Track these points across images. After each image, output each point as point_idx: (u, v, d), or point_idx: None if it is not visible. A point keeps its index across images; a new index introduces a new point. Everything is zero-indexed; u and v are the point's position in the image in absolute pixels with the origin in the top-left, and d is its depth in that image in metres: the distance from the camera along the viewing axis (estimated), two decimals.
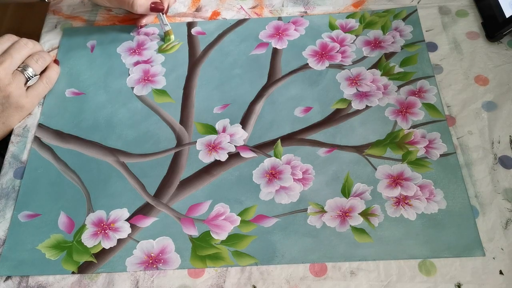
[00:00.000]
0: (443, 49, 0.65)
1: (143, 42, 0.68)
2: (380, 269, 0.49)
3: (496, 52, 0.64)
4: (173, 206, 0.54)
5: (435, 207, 0.53)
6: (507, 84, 0.61)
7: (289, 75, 0.64)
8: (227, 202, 0.54)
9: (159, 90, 0.64)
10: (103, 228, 0.53)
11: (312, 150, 0.57)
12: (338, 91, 0.62)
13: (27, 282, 0.50)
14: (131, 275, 0.50)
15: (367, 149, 0.57)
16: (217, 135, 0.59)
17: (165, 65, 0.66)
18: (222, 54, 0.67)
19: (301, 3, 0.71)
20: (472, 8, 0.69)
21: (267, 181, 0.55)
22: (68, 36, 0.70)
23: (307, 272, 0.50)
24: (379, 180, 0.55)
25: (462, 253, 0.50)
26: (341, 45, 0.66)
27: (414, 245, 0.50)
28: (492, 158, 0.55)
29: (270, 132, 0.59)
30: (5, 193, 0.56)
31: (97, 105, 0.63)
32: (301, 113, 0.60)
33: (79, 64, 0.67)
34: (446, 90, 0.61)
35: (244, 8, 0.72)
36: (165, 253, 0.51)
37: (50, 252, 0.52)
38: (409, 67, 0.63)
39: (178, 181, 0.56)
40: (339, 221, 0.52)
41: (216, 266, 0.50)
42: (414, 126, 0.58)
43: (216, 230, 0.53)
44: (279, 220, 0.53)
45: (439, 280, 0.48)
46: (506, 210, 0.52)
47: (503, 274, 0.48)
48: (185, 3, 0.73)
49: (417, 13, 0.68)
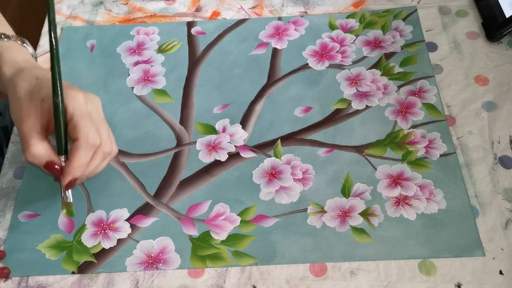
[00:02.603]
0: (443, 49, 0.65)
1: (143, 42, 0.68)
2: (380, 269, 0.49)
3: (496, 52, 0.64)
4: (173, 206, 0.54)
5: (435, 207, 0.52)
6: (507, 84, 0.61)
7: (289, 75, 0.64)
8: (227, 202, 0.54)
9: (159, 90, 0.64)
10: (103, 228, 0.53)
11: (312, 150, 0.57)
12: (338, 91, 0.62)
13: (27, 282, 0.50)
14: (131, 275, 0.50)
15: (367, 149, 0.57)
16: (217, 135, 0.59)
17: (165, 65, 0.66)
18: (222, 54, 0.67)
19: (301, 3, 0.71)
20: (472, 8, 0.69)
21: (267, 181, 0.55)
22: (68, 36, 0.69)
23: (307, 272, 0.50)
24: (379, 180, 0.55)
25: (462, 253, 0.50)
26: (341, 45, 0.66)
27: (414, 245, 0.50)
28: (492, 158, 0.55)
29: (270, 132, 0.59)
30: (5, 193, 0.56)
31: None
32: (301, 113, 0.60)
33: (79, 64, 0.66)
34: (446, 90, 0.61)
35: (244, 8, 0.72)
36: (165, 253, 0.51)
37: (50, 252, 0.52)
38: (409, 67, 0.63)
39: (178, 181, 0.56)
40: (339, 221, 0.52)
41: (216, 266, 0.50)
42: (414, 126, 0.58)
43: (216, 230, 0.53)
44: (279, 220, 0.53)
45: (439, 280, 0.48)
46: (506, 210, 0.52)
47: (503, 274, 0.48)
48: (185, 3, 0.73)
49: (417, 13, 0.68)
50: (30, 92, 0.49)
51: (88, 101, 0.50)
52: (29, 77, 0.50)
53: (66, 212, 0.51)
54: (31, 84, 0.50)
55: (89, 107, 0.50)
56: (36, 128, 0.48)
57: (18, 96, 0.50)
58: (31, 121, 0.48)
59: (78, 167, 0.48)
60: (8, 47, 0.54)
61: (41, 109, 0.48)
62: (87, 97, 0.50)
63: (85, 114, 0.48)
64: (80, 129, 0.48)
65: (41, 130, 0.48)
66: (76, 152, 0.48)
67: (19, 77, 0.50)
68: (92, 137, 0.48)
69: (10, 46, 0.54)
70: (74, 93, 0.49)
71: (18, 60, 0.53)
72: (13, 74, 0.51)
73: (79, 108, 0.48)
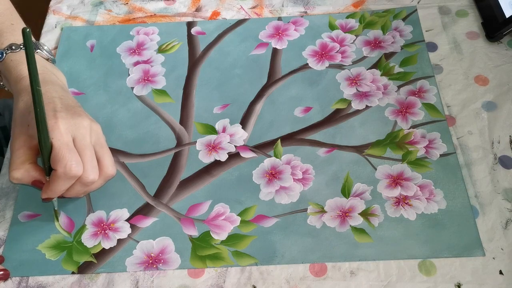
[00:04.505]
0: (443, 49, 0.65)
1: (143, 42, 0.68)
2: (380, 269, 0.49)
3: (496, 52, 0.64)
4: (173, 206, 0.54)
5: (435, 207, 0.52)
6: (507, 84, 0.61)
7: (289, 75, 0.64)
8: (227, 202, 0.54)
9: (159, 90, 0.64)
10: (103, 228, 0.53)
11: (312, 150, 0.57)
12: (338, 91, 0.62)
13: (27, 282, 0.50)
14: (131, 275, 0.50)
15: (367, 149, 0.57)
16: (217, 135, 0.59)
17: (165, 65, 0.66)
18: (222, 54, 0.67)
19: (301, 3, 0.71)
20: (472, 8, 0.69)
21: (267, 181, 0.55)
22: (67, 36, 0.69)
23: (307, 272, 0.50)
24: (379, 180, 0.55)
25: (462, 253, 0.50)
26: (341, 45, 0.66)
27: (414, 245, 0.50)
28: (492, 158, 0.55)
29: (270, 132, 0.59)
30: (5, 193, 0.56)
31: (97, 105, 0.62)
32: (301, 113, 0.60)
33: (78, 64, 0.66)
34: (446, 90, 0.61)
35: (244, 8, 0.72)
36: (165, 253, 0.51)
37: (50, 252, 0.52)
38: (409, 67, 0.63)
39: (178, 181, 0.56)
40: (339, 221, 0.52)
41: (216, 266, 0.50)
42: (414, 126, 0.58)
43: (216, 230, 0.53)
44: (279, 220, 0.53)
45: (439, 280, 0.48)
46: (506, 210, 0.52)
47: (503, 274, 0.48)
48: (185, 3, 0.73)
49: (417, 13, 0.68)
50: (21, 115, 0.50)
51: (73, 127, 0.49)
52: (27, 97, 0.51)
53: (54, 215, 0.54)
54: (26, 104, 0.50)
55: (71, 135, 0.49)
56: (22, 150, 0.49)
57: (15, 117, 0.51)
58: (17, 144, 0.49)
59: (55, 192, 0.49)
60: (19, 61, 0.53)
61: (27, 133, 0.49)
62: (73, 123, 0.49)
63: (64, 145, 0.48)
64: (59, 161, 0.47)
65: (27, 151, 0.49)
66: (55, 181, 0.49)
67: (20, 98, 0.51)
68: (71, 169, 0.47)
69: (21, 58, 0.53)
70: (53, 123, 0.48)
71: (26, 76, 0.52)
72: (18, 91, 0.52)
73: (58, 138, 0.48)
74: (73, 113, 0.51)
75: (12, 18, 0.58)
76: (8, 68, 0.54)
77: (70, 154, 0.48)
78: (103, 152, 0.51)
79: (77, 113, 0.51)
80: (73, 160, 0.48)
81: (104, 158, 0.51)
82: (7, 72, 0.54)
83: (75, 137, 0.49)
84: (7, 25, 0.57)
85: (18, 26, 0.57)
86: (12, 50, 0.54)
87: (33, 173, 0.49)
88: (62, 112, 0.50)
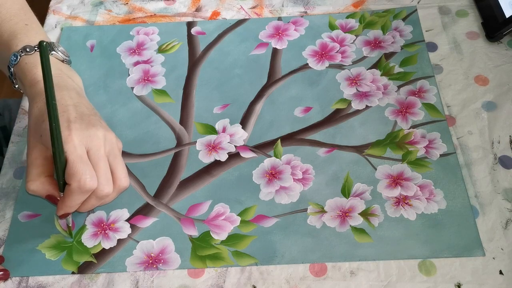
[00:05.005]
0: (443, 49, 0.65)
1: (143, 42, 0.68)
2: (380, 269, 0.49)
3: (496, 52, 0.64)
4: (173, 206, 0.54)
5: (435, 207, 0.53)
6: (507, 84, 0.61)
7: (289, 75, 0.64)
8: (227, 202, 0.54)
9: (159, 90, 0.64)
10: (103, 228, 0.53)
11: (312, 150, 0.57)
12: (338, 91, 0.62)
13: (27, 282, 0.50)
14: (131, 275, 0.50)
15: (367, 149, 0.57)
16: (217, 135, 0.59)
17: (165, 65, 0.66)
18: (222, 54, 0.67)
19: (301, 3, 0.71)
20: (472, 8, 0.69)
21: (267, 181, 0.55)
22: (67, 36, 0.69)
23: (307, 272, 0.50)
24: (379, 180, 0.55)
25: (462, 253, 0.50)
26: (341, 45, 0.66)
27: (414, 245, 0.50)
28: (492, 158, 0.55)
29: (270, 132, 0.59)
30: (5, 193, 0.56)
31: (97, 105, 0.62)
32: (301, 113, 0.60)
33: (78, 64, 0.66)
34: (446, 90, 0.61)
35: (244, 8, 0.72)
36: (165, 253, 0.51)
37: (50, 252, 0.52)
38: (409, 67, 0.63)
39: (178, 181, 0.56)
40: (339, 221, 0.52)
41: (216, 266, 0.50)
42: (414, 126, 0.58)
43: (216, 230, 0.53)
44: (279, 220, 0.53)
45: (439, 280, 0.48)
46: (506, 210, 0.52)
47: (503, 274, 0.48)
48: (185, 3, 0.73)
49: (417, 13, 0.68)
50: (35, 123, 0.49)
51: (87, 139, 0.48)
52: (41, 103, 0.50)
53: (68, 232, 0.53)
54: (41, 111, 0.49)
55: (85, 147, 0.48)
56: (38, 161, 0.49)
57: (29, 123, 0.50)
58: (34, 154, 0.49)
59: (71, 207, 0.49)
60: (34, 64, 0.52)
61: (40, 142, 0.49)
62: (87, 135, 0.48)
63: (78, 158, 0.47)
64: (73, 175, 0.47)
65: (44, 162, 0.49)
66: (69, 195, 0.48)
67: (35, 104, 0.50)
68: (85, 182, 0.47)
69: (35, 60, 0.52)
70: (66, 135, 0.47)
71: (41, 80, 0.50)
72: (32, 96, 0.51)
73: (72, 151, 0.47)
74: (88, 123, 0.49)
75: (26, 18, 0.57)
76: (23, 71, 0.52)
77: (84, 167, 0.47)
78: (116, 163, 0.50)
79: (91, 123, 0.49)
80: (87, 174, 0.47)
81: (118, 169, 0.50)
82: (22, 75, 0.52)
83: (89, 149, 0.48)
84: (21, 26, 0.55)
85: (32, 26, 0.56)
86: (26, 52, 0.52)
87: (48, 187, 0.49)
88: (76, 123, 0.48)
